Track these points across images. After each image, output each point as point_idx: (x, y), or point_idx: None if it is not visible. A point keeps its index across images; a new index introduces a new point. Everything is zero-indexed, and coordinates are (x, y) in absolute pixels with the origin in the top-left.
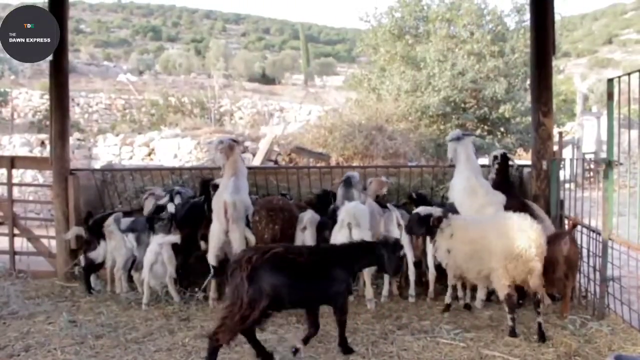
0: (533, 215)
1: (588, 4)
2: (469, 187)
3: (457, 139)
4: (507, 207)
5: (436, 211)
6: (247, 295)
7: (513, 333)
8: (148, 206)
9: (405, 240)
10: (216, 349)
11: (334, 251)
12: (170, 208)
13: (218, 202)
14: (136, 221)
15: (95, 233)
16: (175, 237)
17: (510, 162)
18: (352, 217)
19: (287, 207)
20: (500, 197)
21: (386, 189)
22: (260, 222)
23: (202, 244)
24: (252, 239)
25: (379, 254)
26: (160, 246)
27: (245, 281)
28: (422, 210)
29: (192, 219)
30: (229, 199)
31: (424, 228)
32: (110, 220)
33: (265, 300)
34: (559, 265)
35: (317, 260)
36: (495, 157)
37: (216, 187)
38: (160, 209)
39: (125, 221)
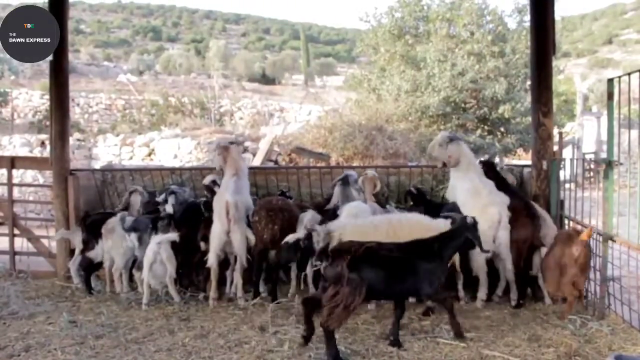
0: (536, 214)
1: (588, 4)
2: (472, 188)
3: (451, 140)
4: (511, 207)
5: (299, 234)
6: (348, 284)
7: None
8: (135, 203)
9: None
10: (332, 333)
11: (422, 245)
12: (168, 208)
13: (220, 202)
14: (138, 220)
15: (92, 233)
16: (173, 235)
17: (497, 168)
18: (354, 216)
19: (287, 208)
20: (503, 197)
21: (379, 183)
22: (260, 222)
23: (202, 244)
24: (253, 240)
25: (465, 236)
26: (159, 245)
27: (346, 269)
28: (290, 238)
29: (189, 219)
30: (231, 199)
31: (297, 254)
32: (116, 219)
33: (364, 287)
34: (568, 268)
35: (407, 256)
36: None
37: (214, 183)
38: (156, 207)
39: (128, 220)
